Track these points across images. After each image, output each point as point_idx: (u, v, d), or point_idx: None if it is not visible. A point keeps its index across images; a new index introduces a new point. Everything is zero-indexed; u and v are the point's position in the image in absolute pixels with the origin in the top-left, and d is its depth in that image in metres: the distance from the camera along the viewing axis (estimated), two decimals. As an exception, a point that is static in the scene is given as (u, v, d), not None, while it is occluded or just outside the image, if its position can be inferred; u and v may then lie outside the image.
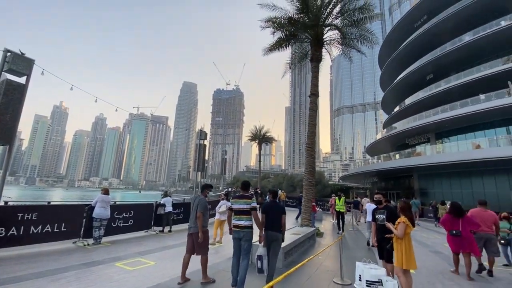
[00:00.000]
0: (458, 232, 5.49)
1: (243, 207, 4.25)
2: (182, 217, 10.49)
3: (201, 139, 13.16)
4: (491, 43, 23.68)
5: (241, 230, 4.22)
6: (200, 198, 4.64)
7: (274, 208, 4.60)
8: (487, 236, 5.78)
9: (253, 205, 4.26)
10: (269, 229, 4.42)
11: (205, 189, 5.03)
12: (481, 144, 21.76)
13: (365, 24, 11.36)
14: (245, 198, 4.33)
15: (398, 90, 34.68)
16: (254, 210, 4.26)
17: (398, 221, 3.98)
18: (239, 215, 4.28)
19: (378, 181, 39.49)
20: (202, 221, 4.46)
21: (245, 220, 4.23)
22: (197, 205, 4.55)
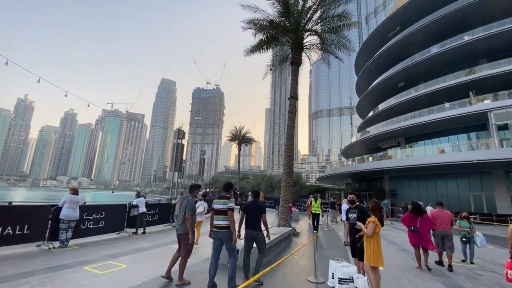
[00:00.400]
0: (416, 229, 6.18)
1: (221, 207, 4.35)
2: (157, 218, 10.20)
3: (179, 138, 12.89)
4: (456, 55, 25.64)
5: (220, 230, 4.32)
6: (189, 199, 4.62)
7: (254, 207, 4.73)
8: (444, 233, 6.46)
9: (229, 205, 4.33)
10: (248, 228, 4.56)
11: (194, 190, 4.99)
12: (445, 149, 23.45)
13: (343, 31, 11.80)
14: (224, 198, 4.44)
15: (372, 96, 36.38)
16: (230, 210, 4.32)
17: (369, 221, 4.15)
18: (218, 215, 4.38)
19: (352, 182, 41.08)
20: (191, 223, 4.48)
21: (223, 220, 4.31)
22: (185, 206, 4.53)
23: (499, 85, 21.77)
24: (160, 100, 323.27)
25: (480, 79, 22.81)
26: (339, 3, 10.80)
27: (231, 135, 38.80)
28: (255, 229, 4.57)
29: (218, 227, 4.34)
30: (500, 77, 21.92)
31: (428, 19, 27.36)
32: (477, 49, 24.45)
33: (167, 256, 6.17)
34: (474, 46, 24.23)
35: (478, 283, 5.34)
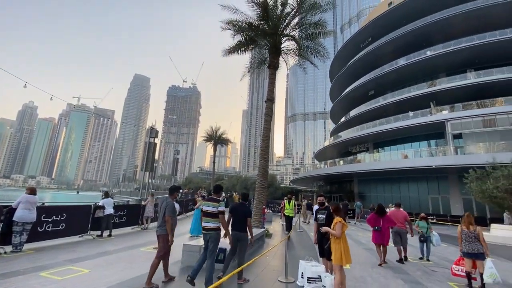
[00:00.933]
0: (379, 228, 6.84)
1: (211, 210, 4.41)
2: (125, 220, 9.72)
3: (152, 137, 12.45)
4: (419, 68, 27.79)
5: (207, 232, 4.37)
6: (168, 201, 4.56)
7: (241, 209, 4.85)
8: (400, 231, 7.23)
9: (220, 208, 4.40)
10: (234, 229, 4.67)
11: (174, 192, 4.92)
12: (408, 154, 25.22)
13: (319, 39, 12.25)
14: (214, 201, 4.51)
15: (345, 102, 38.06)
16: (221, 213, 4.39)
17: (335, 222, 4.28)
18: (206, 217, 4.44)
19: (324, 184, 42.49)
20: (171, 225, 4.43)
21: (211, 222, 4.39)
22: (165, 208, 4.47)
23: (456, 98, 23.98)
24: (133, 97, 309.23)
25: (439, 91, 24.93)
26: (316, 11, 11.19)
27: (207, 135, 38.23)
28: (240, 230, 4.69)
29: (206, 229, 4.39)
30: (456, 90, 24.16)
31: (396, 34, 29.36)
32: (438, 64, 26.71)
33: (134, 259, 5.93)
34: (435, 61, 26.45)
35: (432, 278, 5.82)
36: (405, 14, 29.54)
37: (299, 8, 10.93)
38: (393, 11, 31.17)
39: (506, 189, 12.05)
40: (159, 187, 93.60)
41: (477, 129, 21.66)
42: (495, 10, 24.40)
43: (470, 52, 24.59)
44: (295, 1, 10.82)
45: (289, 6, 11.05)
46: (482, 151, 20.34)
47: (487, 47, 23.85)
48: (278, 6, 11.05)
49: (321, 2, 11.18)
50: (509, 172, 12.33)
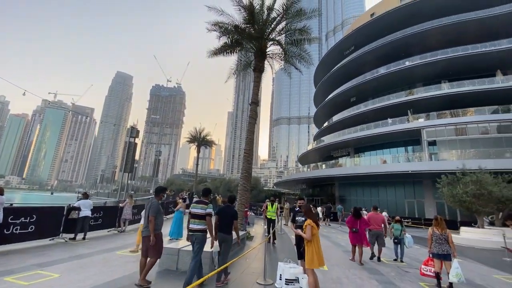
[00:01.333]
0: (357, 230, 7.32)
1: (199, 212, 4.55)
2: (101, 223, 9.34)
3: (132, 136, 12.11)
4: (398, 77, 29.05)
5: (194, 233, 4.50)
6: (153, 202, 4.64)
7: (227, 212, 4.97)
8: (378, 233, 7.68)
9: (208, 211, 4.55)
10: (220, 231, 4.80)
11: (160, 193, 4.98)
12: (386, 160, 26.21)
13: (303, 45, 12.51)
14: (202, 203, 4.65)
15: (328, 107, 38.98)
16: (208, 215, 4.54)
17: (305, 225, 4.38)
18: (193, 219, 4.55)
19: (306, 188, 43.09)
20: (154, 225, 4.45)
21: (198, 224, 4.51)
22: (149, 208, 4.55)
23: (431, 107, 25.28)
24: (114, 95, 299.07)
25: (416, 100, 26.19)
26: (301, 18, 11.44)
27: (191, 137, 37.64)
28: (226, 232, 4.81)
29: (193, 230, 4.51)
30: (432, 100, 25.49)
31: (377, 43, 30.58)
32: (415, 74, 28.07)
33: (109, 263, 5.71)
34: (413, 71, 27.80)
35: (405, 278, 6.07)
36: (386, 25, 30.85)
37: (284, 14, 11.13)
38: (375, 21, 32.46)
39: (474, 194, 12.83)
40: (139, 189, 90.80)
41: (450, 137, 22.92)
42: (467, 25, 26.07)
43: (445, 64, 26.08)
44: (281, 7, 11.01)
45: (275, 12, 11.22)
46: (454, 158, 21.54)
47: (460, 60, 25.41)
48: (264, 11, 11.19)
49: (306, 10, 11.43)
50: (477, 178, 13.15)
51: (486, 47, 24.56)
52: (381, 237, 7.65)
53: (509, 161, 19.02)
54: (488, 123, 22.03)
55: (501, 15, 24.74)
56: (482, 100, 23.53)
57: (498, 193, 12.50)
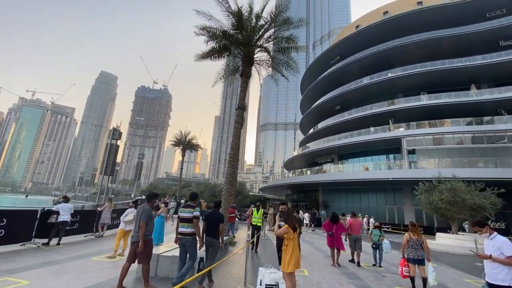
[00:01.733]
0: (332, 233, 7.81)
1: (187, 216, 4.75)
2: (77, 227, 8.94)
3: (114, 138, 11.74)
4: (381, 88, 30.14)
5: (184, 237, 4.69)
6: (145, 207, 4.68)
7: (213, 216, 5.13)
8: (356, 237, 8.16)
9: (195, 213, 4.76)
10: (207, 235, 4.95)
11: (152, 199, 5.01)
12: (369, 167, 26.95)
13: (290, 53, 12.75)
14: (190, 207, 4.88)
15: (314, 115, 39.72)
16: (195, 218, 4.74)
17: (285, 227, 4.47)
18: (183, 223, 4.75)
19: (291, 193, 43.38)
20: (145, 230, 4.48)
21: (187, 227, 4.70)
22: (141, 214, 4.58)
23: (411, 117, 26.37)
24: (97, 95, 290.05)
25: (397, 110, 27.23)
26: (288, 27, 11.69)
27: (176, 140, 37.05)
28: (213, 236, 4.95)
29: (183, 234, 4.69)
30: (412, 110, 26.61)
31: (362, 54, 31.72)
32: (397, 85, 29.27)
33: (84, 270, 5.47)
34: (394, 82, 28.97)
35: (382, 283, 6.23)
36: (370, 37, 32.10)
37: (272, 22, 11.33)
38: (359, 33, 33.70)
39: (448, 201, 13.44)
40: (119, 193, 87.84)
41: (428, 146, 23.95)
42: (443, 41, 27.65)
43: (424, 77, 27.40)
44: (269, 15, 11.21)
45: (263, 19, 11.40)
46: (432, 166, 22.49)
47: (438, 74, 26.80)
48: (253, 18, 11.34)
49: (293, 19, 11.70)
50: (451, 186, 13.80)
51: (462, 62, 26.07)
52: (359, 241, 8.05)
53: (481, 171, 20.10)
54: (463, 134, 23.25)
55: (474, 33, 26.44)
56: (457, 112, 24.84)
57: (470, 200, 13.16)
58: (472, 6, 27.49)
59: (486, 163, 21.36)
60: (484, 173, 19.27)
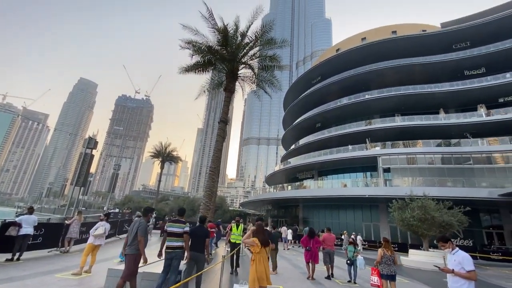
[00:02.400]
0: (310, 248, 8.01)
1: (177, 231, 4.93)
2: (41, 241, 8.30)
3: (89, 147, 11.27)
4: (359, 108, 31.63)
5: (173, 250, 4.82)
6: (141, 222, 4.73)
7: (199, 232, 5.31)
8: (329, 251, 8.49)
9: (186, 229, 4.98)
10: (192, 250, 5.07)
11: (148, 213, 5.14)
12: (347, 184, 27.66)
13: (273, 71, 13.23)
14: (179, 222, 5.05)
15: (295, 131, 40.61)
16: (186, 233, 4.97)
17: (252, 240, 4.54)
18: (172, 237, 4.90)
19: (272, 209, 43.19)
20: (143, 245, 4.56)
21: (176, 241, 4.88)
22: (137, 228, 4.63)
23: (386, 137, 27.73)
24: (74, 101, 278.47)
25: (373, 130, 28.56)
26: (272, 46, 12.20)
27: (155, 151, 36.12)
28: (199, 251, 5.12)
29: (172, 247, 4.84)
30: (387, 130, 28.02)
31: (341, 76, 33.40)
32: (373, 106, 30.88)
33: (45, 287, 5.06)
34: (371, 104, 30.56)
35: (357, 300, 6.29)
36: (349, 60, 34.01)
37: (257, 40, 11.78)
38: (339, 56, 35.62)
39: (420, 218, 14.04)
40: (91, 205, 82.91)
41: (402, 165, 25.12)
42: (416, 68, 29.90)
43: (398, 100, 29.19)
44: (253, 34, 11.65)
45: (248, 38, 11.82)
46: (405, 184, 23.50)
47: (410, 97, 28.68)
48: (238, 36, 11.73)
49: (277, 39, 12.24)
50: (422, 203, 14.48)
51: (432, 88, 28.17)
52: (332, 255, 8.44)
53: (450, 190, 21.29)
54: (433, 154, 24.71)
55: (442, 62, 28.88)
56: (428, 134, 26.51)
57: (439, 218, 13.83)
58: (440, 38, 30.18)
59: (454, 182, 22.66)
60: (452, 192, 20.40)
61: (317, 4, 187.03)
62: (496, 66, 27.13)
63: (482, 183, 21.57)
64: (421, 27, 35.89)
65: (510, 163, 21.89)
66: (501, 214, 22.15)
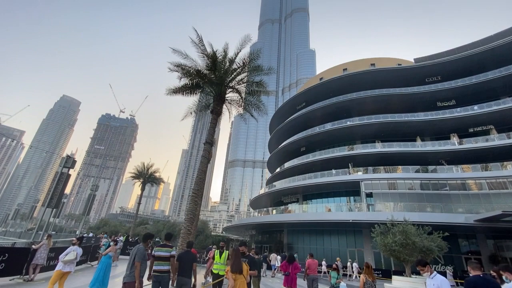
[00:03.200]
0: (288, 273, 8.06)
1: (164, 255, 5.06)
2: (3, 268, 7.55)
3: (66, 166, 10.78)
4: (341, 134, 32.78)
5: (161, 274, 4.94)
6: (139, 247, 4.89)
7: (186, 257, 5.41)
8: (314, 277, 8.48)
9: (172, 253, 5.15)
10: (180, 275, 5.15)
11: (147, 239, 5.28)
12: (331, 208, 27.72)
13: (260, 96, 13.67)
14: (167, 247, 5.21)
15: (281, 154, 41.06)
16: (172, 257, 5.13)
17: (226, 270, 4.65)
18: (160, 261, 5.01)
19: (256, 234, 42.03)
20: (139, 271, 4.66)
21: (164, 265, 5.01)
22: (135, 254, 4.76)
23: (368, 162, 28.62)
24: (53, 119, 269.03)
25: (356, 155, 29.45)
26: (259, 73, 12.73)
27: (137, 172, 34.85)
28: (186, 276, 5.18)
29: (161, 271, 4.95)
30: (368, 156, 28.99)
31: (324, 103, 34.92)
32: (355, 132, 32.14)
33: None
34: (353, 130, 31.82)
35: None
36: (331, 88, 35.83)
37: (244, 67, 12.26)
38: (323, 84, 37.47)
39: (401, 243, 14.18)
40: (63, 229, 77.09)
41: (383, 190, 25.72)
42: (393, 98, 31.86)
43: (378, 127, 30.62)
44: (241, 61, 12.15)
45: (236, 64, 12.30)
46: (387, 209, 23.88)
47: (389, 125, 30.20)
48: (226, 61, 12.18)
49: (264, 67, 12.82)
50: (403, 228, 14.71)
51: (408, 117, 29.92)
52: (316, 281, 8.42)
53: (429, 215, 21.83)
54: (412, 180, 25.60)
55: (416, 94, 31.04)
56: (407, 160, 27.65)
57: (420, 243, 14.04)
58: (414, 72, 32.72)
59: (433, 208, 23.33)
60: (432, 218, 20.92)
61: (302, 36, 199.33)
62: (465, 99, 29.50)
63: (458, 209, 22.34)
64: (397, 61, 38.88)
65: (483, 189, 23.00)
66: (478, 239, 22.77)
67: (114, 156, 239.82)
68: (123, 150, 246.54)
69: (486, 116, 26.82)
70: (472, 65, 29.79)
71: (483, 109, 26.87)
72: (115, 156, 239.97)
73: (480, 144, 25.20)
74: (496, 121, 26.79)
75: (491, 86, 28.18)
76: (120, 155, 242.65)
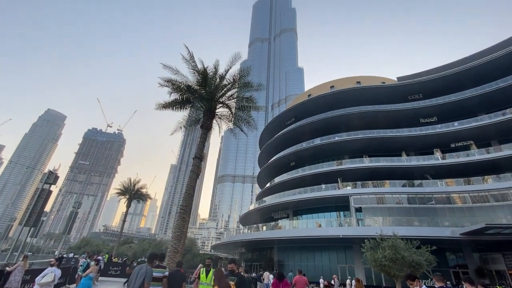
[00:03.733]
0: None
1: (158, 275, 5.19)
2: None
3: (48, 183, 10.35)
4: (330, 148, 33.30)
5: None
6: (148, 269, 4.96)
7: (178, 276, 5.67)
8: None
9: (165, 274, 5.38)
10: None
11: (153, 260, 5.30)
12: (321, 223, 27.58)
13: (250, 111, 13.85)
14: (161, 267, 5.43)
15: (270, 169, 41.05)
16: (165, 278, 5.35)
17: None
18: (154, 282, 5.08)
19: (245, 252, 40.95)
20: None
21: (158, 286, 5.15)
22: (144, 275, 4.81)
23: (356, 176, 28.97)
24: (36, 133, 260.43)
25: (344, 170, 29.83)
26: (248, 89, 12.99)
27: (122, 188, 33.82)
28: None
29: None
30: (356, 170, 29.42)
31: (313, 119, 35.69)
32: (343, 147, 32.73)
33: None
34: (341, 145, 32.43)
35: None
36: (319, 104, 36.77)
37: (234, 83, 12.50)
38: (311, 100, 38.43)
39: (391, 258, 14.16)
40: (40, 250, 72.63)
41: (372, 205, 25.93)
42: (379, 114, 32.97)
43: (365, 142, 31.35)
44: (232, 77, 12.40)
45: (226, 80, 12.53)
46: (377, 224, 23.98)
47: (376, 140, 31.01)
48: (217, 78, 12.40)
49: (254, 83, 13.11)
50: (392, 243, 14.75)
51: (393, 133, 30.88)
52: None
53: (417, 229, 22.04)
54: (400, 194, 26.00)
55: (400, 111, 32.28)
56: (394, 174, 28.21)
57: (409, 258, 14.07)
58: (397, 90, 34.19)
59: (420, 222, 23.62)
60: (419, 232, 21.12)
61: (290, 55, 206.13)
62: (446, 116, 30.88)
63: (445, 222, 22.72)
64: (381, 79, 40.61)
65: (466, 203, 23.61)
66: (465, 253, 23.05)
67: (99, 171, 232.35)
68: (109, 166, 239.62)
69: (466, 132, 28.07)
70: (450, 83, 31.51)
71: (463, 126, 28.16)
72: (100, 172, 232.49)
73: (462, 159, 26.17)
74: (475, 136, 28.05)
75: (469, 103, 29.73)
76: (105, 170, 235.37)
